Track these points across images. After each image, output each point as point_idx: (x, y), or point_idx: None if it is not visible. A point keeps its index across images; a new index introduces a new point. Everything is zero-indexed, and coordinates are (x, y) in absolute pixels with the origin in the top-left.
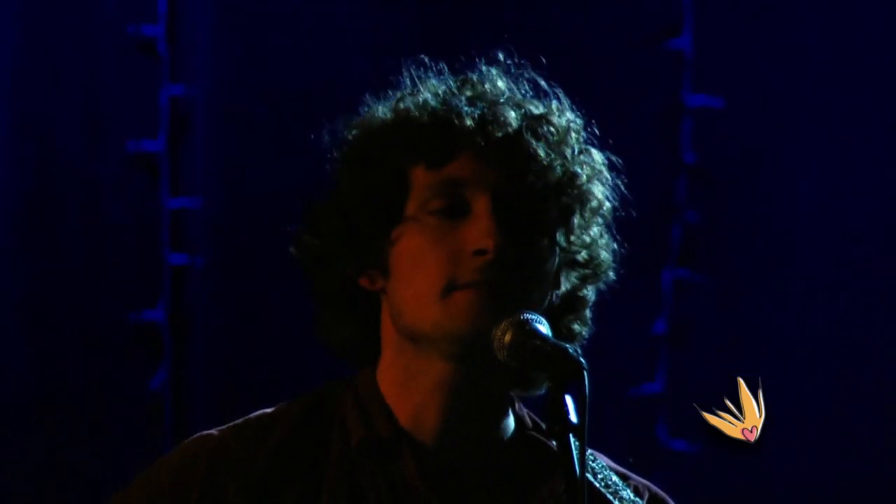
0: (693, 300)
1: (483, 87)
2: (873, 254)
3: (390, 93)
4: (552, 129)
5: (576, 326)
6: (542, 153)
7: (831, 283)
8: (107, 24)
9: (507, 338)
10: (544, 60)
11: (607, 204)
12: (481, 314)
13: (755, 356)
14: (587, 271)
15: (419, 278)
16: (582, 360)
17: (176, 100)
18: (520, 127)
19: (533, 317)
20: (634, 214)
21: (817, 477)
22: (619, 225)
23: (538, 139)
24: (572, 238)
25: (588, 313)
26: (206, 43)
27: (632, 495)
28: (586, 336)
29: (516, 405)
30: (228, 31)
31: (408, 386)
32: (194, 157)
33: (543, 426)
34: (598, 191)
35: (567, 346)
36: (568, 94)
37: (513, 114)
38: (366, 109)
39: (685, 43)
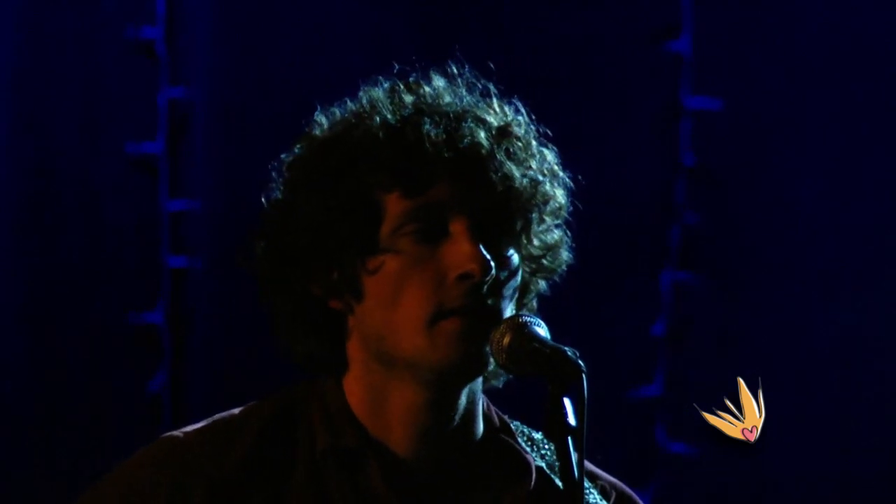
0: (692, 302)
1: (433, 95)
2: (873, 255)
3: (333, 108)
4: (518, 142)
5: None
6: (515, 172)
7: (831, 285)
8: (106, 26)
9: (506, 341)
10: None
11: (565, 203)
12: (466, 343)
13: (754, 358)
14: (545, 270)
15: (403, 304)
16: (580, 362)
17: (175, 102)
18: (491, 147)
19: (531, 319)
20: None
21: (816, 480)
22: (617, 226)
23: (509, 157)
24: (535, 242)
25: (535, 302)
26: (206, 45)
27: (598, 498)
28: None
29: (485, 404)
30: (227, 33)
31: (377, 403)
32: (193, 160)
33: (511, 425)
34: (557, 193)
35: (566, 348)
36: (567, 95)
37: (482, 133)
38: (314, 123)
39: (684, 45)
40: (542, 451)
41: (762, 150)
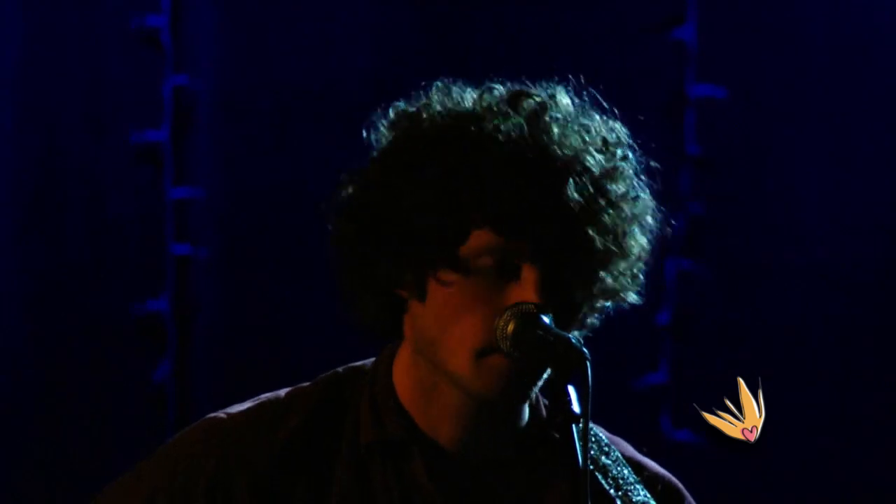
0: (696, 291)
1: (546, 126)
2: (876, 245)
3: (434, 92)
4: (618, 187)
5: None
6: (598, 236)
7: (834, 274)
8: (110, 15)
9: (510, 328)
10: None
11: (647, 249)
12: (510, 381)
13: (758, 347)
14: (608, 305)
15: (458, 328)
16: (585, 350)
17: (179, 90)
18: (588, 207)
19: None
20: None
21: (819, 469)
22: None
23: (602, 211)
24: (598, 289)
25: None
26: (210, 34)
27: (642, 494)
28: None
29: (533, 395)
30: (232, 22)
31: (426, 397)
32: (197, 148)
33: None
34: (641, 242)
35: (570, 336)
36: (571, 83)
37: (586, 192)
38: (422, 103)
39: (688, 33)
40: (590, 446)
41: (767, 138)
